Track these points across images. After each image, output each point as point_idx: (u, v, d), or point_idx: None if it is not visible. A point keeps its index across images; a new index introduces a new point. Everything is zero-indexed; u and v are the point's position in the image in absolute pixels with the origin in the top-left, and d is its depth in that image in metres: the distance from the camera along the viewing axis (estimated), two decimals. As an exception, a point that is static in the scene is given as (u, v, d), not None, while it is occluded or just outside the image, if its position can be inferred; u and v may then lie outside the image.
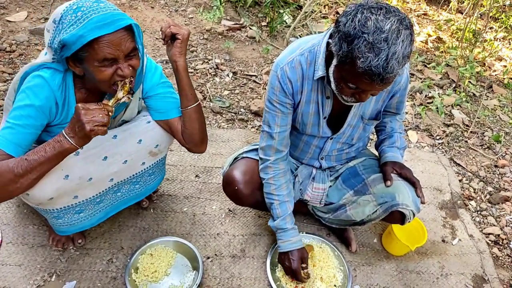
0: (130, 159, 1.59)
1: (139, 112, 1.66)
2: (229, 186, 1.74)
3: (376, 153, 1.85)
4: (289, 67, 1.48)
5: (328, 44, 1.34)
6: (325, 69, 1.42)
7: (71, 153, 1.30)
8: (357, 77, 1.23)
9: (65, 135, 1.25)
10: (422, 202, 1.63)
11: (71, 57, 1.26)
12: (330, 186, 1.85)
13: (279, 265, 1.83)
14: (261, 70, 3.30)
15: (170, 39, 1.43)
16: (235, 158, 1.82)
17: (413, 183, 1.64)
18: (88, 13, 1.19)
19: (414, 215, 1.66)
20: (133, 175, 1.70)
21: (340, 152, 1.78)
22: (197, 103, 1.56)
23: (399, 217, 1.68)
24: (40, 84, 1.32)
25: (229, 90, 3.02)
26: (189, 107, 1.54)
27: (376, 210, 1.69)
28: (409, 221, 1.68)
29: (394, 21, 1.15)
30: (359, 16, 1.17)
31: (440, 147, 2.88)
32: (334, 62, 1.31)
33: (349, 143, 1.74)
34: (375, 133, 1.89)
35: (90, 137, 1.24)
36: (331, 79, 1.36)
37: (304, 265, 1.72)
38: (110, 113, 1.25)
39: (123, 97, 1.31)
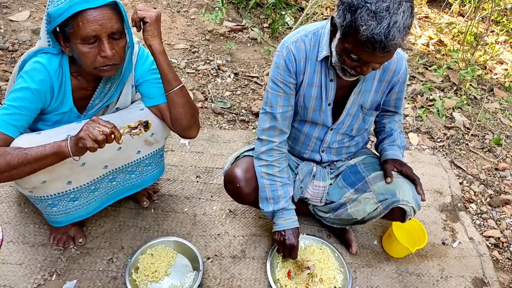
0: (125, 146, 1.59)
1: (133, 102, 1.67)
2: (230, 184, 1.75)
3: (377, 153, 1.86)
4: (294, 46, 1.52)
5: (332, 19, 1.40)
6: (329, 49, 1.47)
7: (67, 159, 1.32)
8: (360, 47, 1.28)
9: (68, 138, 1.28)
10: (423, 200, 1.65)
11: (61, 33, 1.30)
12: (331, 184, 1.86)
13: (279, 266, 1.84)
14: (263, 72, 3.31)
15: (142, 24, 1.43)
16: (237, 157, 1.83)
17: (413, 180, 1.66)
18: None
19: (414, 212, 1.67)
20: (128, 163, 1.69)
21: (340, 144, 1.79)
22: (179, 86, 1.53)
23: (399, 214, 1.69)
24: (36, 68, 1.36)
25: (230, 91, 3.02)
26: (171, 91, 1.53)
27: (376, 208, 1.69)
28: (409, 218, 1.69)
29: None
30: None
31: (441, 150, 2.88)
32: (338, 35, 1.36)
33: (349, 134, 1.75)
34: (374, 135, 1.90)
35: (78, 145, 1.24)
36: (333, 53, 1.42)
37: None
38: (114, 136, 1.25)
39: (136, 127, 1.31)
